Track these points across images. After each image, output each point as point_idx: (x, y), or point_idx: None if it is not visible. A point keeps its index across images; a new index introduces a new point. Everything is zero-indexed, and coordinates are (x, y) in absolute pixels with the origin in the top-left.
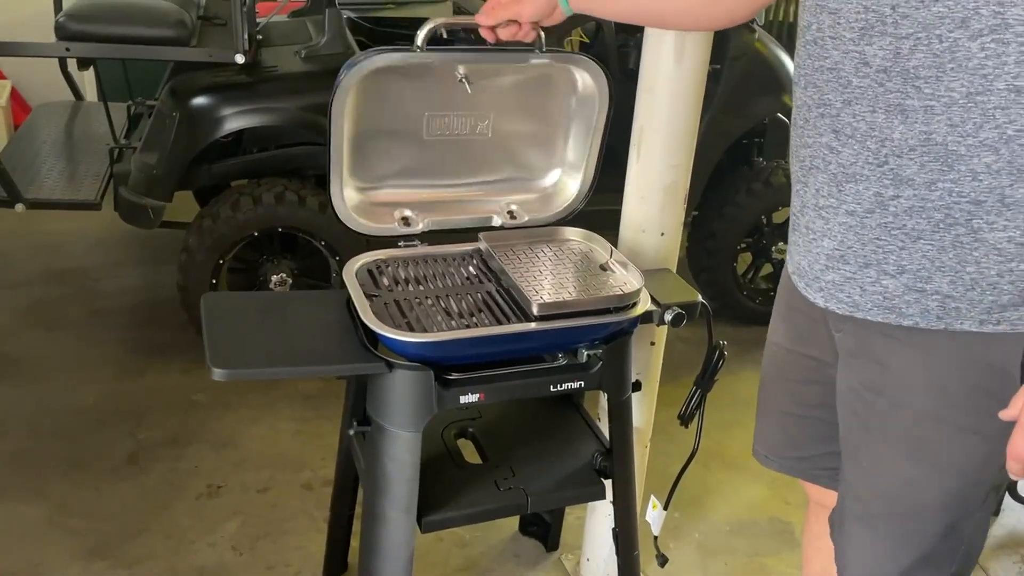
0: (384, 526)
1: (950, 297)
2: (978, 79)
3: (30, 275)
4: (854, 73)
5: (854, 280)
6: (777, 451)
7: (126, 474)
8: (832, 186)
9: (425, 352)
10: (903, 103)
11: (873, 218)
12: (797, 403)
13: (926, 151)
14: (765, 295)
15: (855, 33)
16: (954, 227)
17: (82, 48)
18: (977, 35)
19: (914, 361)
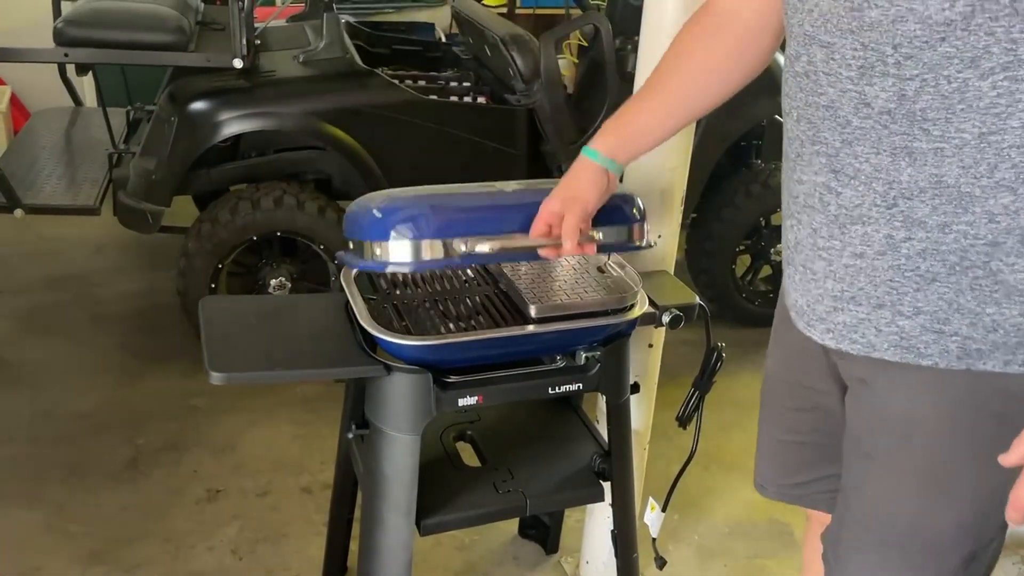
0: (383, 529)
1: (970, 339)
2: (991, 119)
3: (29, 280)
4: (854, 113)
5: (868, 321)
6: (773, 480)
7: (125, 479)
8: (834, 227)
9: (423, 355)
10: (910, 145)
11: (884, 260)
12: (789, 430)
13: (938, 193)
14: (764, 297)
15: (853, 72)
16: (971, 269)
17: (81, 54)
18: (988, 74)
19: (926, 393)
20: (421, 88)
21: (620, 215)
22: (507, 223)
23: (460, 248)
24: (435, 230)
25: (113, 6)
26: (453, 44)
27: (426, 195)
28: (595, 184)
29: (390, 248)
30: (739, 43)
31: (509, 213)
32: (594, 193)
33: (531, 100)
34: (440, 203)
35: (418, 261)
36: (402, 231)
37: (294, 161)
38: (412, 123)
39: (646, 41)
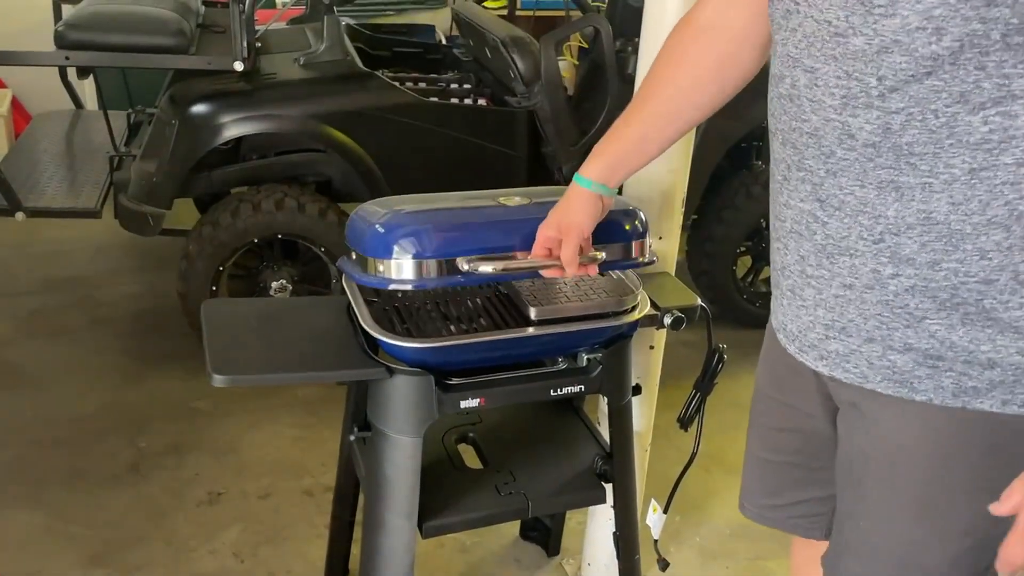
0: (385, 532)
1: (966, 375)
2: (982, 154)
3: (30, 283)
4: (838, 144)
5: (860, 353)
6: (753, 499)
7: (127, 482)
8: (821, 257)
9: (425, 357)
10: (896, 180)
11: (873, 294)
12: (772, 449)
13: (926, 230)
14: (765, 298)
15: (836, 101)
16: (963, 306)
17: (82, 57)
18: (979, 108)
19: (917, 423)
20: (422, 90)
21: (621, 232)
22: (510, 241)
23: (463, 267)
24: (438, 249)
25: (114, 9)
26: (453, 46)
27: (429, 210)
28: (588, 211)
29: (392, 266)
30: (726, 54)
31: (512, 231)
32: (588, 219)
33: (532, 102)
34: (443, 220)
35: (420, 279)
36: (405, 249)
37: (295, 164)
38: (413, 125)
39: (647, 43)
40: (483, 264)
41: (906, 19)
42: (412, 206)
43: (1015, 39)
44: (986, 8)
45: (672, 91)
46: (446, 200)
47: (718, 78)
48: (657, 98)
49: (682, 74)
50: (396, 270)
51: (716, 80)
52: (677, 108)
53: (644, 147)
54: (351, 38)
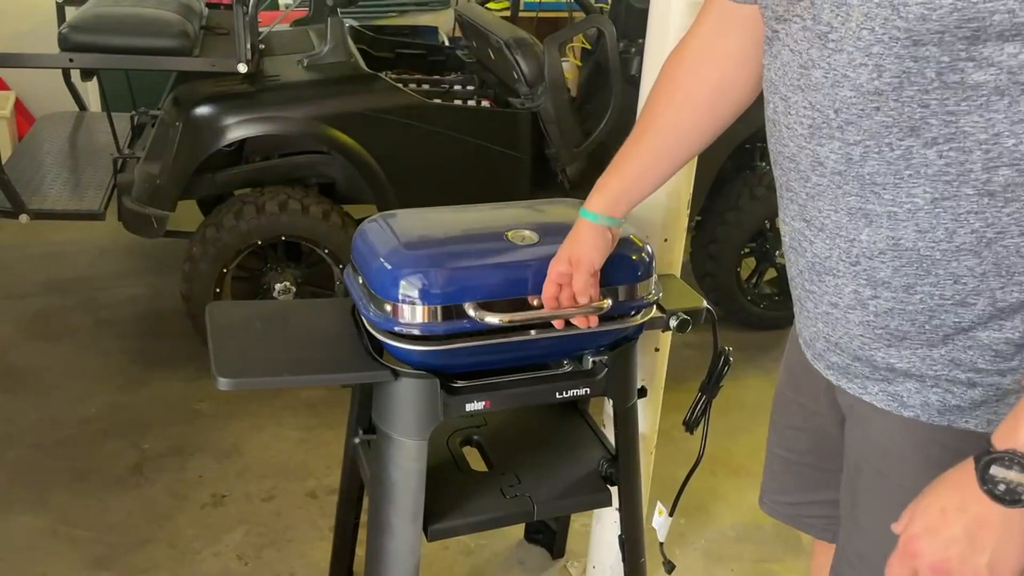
0: (390, 535)
1: (950, 393)
2: (942, 185)
3: (34, 285)
4: (811, 170)
5: (852, 368)
6: (770, 495)
7: (130, 484)
8: (812, 274)
9: (430, 360)
10: (864, 207)
11: (855, 315)
12: (788, 448)
13: (897, 255)
14: (769, 299)
15: (805, 130)
16: (941, 328)
17: (85, 59)
18: (932, 143)
19: (909, 438)
20: (425, 92)
21: (629, 273)
22: (522, 287)
23: (470, 313)
24: (447, 296)
25: (117, 11)
26: (456, 48)
27: (437, 249)
28: (597, 245)
29: (399, 309)
30: (719, 83)
31: (524, 276)
32: (597, 252)
33: (535, 103)
34: (453, 263)
35: (426, 324)
36: (411, 293)
37: (298, 165)
38: (416, 127)
39: (651, 44)
40: (490, 316)
41: (851, 55)
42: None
43: (950, 77)
44: (914, 47)
45: (667, 125)
46: (453, 227)
47: (712, 109)
48: (653, 132)
49: (676, 107)
50: (402, 313)
51: (710, 111)
52: (675, 142)
53: (645, 181)
54: (354, 40)
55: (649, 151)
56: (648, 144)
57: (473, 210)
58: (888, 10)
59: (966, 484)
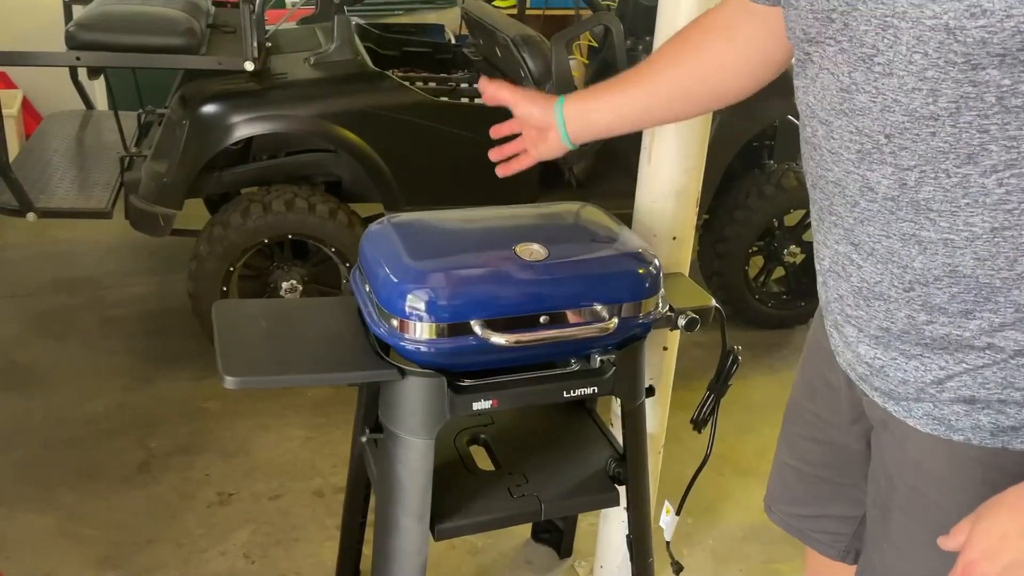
0: (397, 534)
1: (1002, 414)
2: (1002, 215)
3: (40, 284)
4: (860, 196)
5: (899, 391)
6: (778, 504)
7: (137, 483)
8: (859, 299)
9: (437, 359)
10: (919, 234)
11: (910, 337)
12: (801, 459)
13: (954, 282)
14: (777, 298)
15: (853, 155)
16: (1000, 352)
17: (93, 57)
18: (991, 171)
19: (950, 458)
20: (432, 90)
21: (637, 289)
22: (529, 305)
23: (476, 331)
24: (453, 314)
25: (124, 10)
26: (463, 45)
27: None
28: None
29: (407, 325)
30: (726, 60)
31: (532, 295)
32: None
33: None
34: (460, 282)
35: (432, 340)
36: (418, 309)
37: (305, 164)
38: (423, 125)
39: (659, 41)
40: (496, 336)
41: (902, 79)
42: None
43: (1012, 102)
44: (973, 72)
45: (664, 77)
46: (461, 239)
47: (705, 80)
48: (650, 78)
49: (677, 62)
50: (409, 329)
51: (703, 82)
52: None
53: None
54: (361, 38)
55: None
56: (642, 87)
57: (481, 216)
58: (943, 34)
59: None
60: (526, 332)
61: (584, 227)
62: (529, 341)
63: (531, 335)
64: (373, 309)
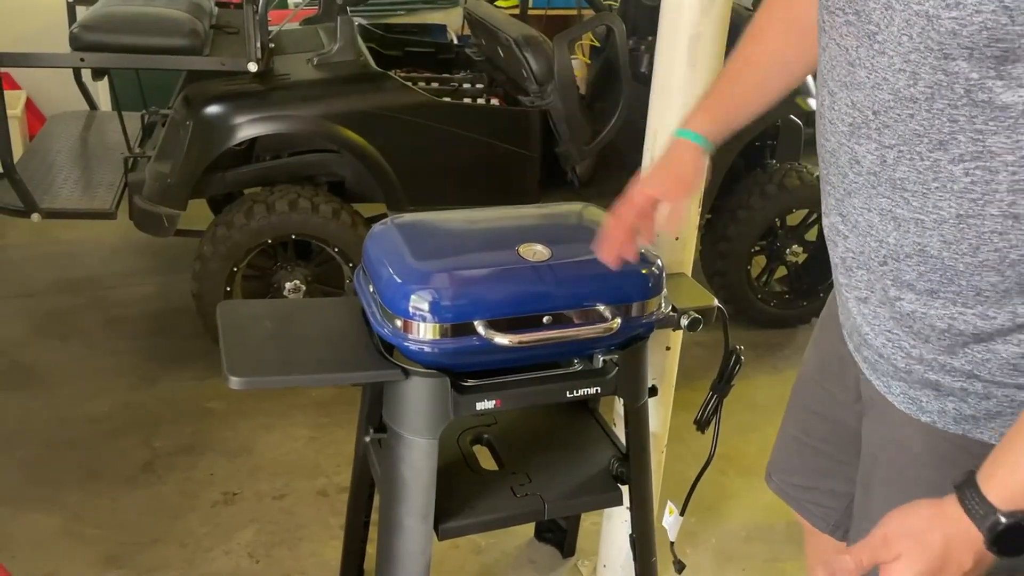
0: (401, 533)
1: (964, 403)
2: (967, 203)
3: (45, 284)
4: (849, 168)
5: (880, 363)
6: (778, 472)
7: (141, 483)
8: (844, 268)
9: (441, 359)
10: (894, 211)
11: (883, 311)
12: (804, 431)
13: (922, 261)
14: (780, 298)
15: (846, 127)
16: (960, 336)
17: (96, 58)
18: (959, 160)
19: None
20: (434, 90)
21: (640, 289)
22: (533, 305)
23: (480, 332)
24: (458, 313)
25: (128, 11)
26: (465, 46)
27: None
28: (699, 169)
29: (410, 326)
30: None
31: (535, 295)
32: (699, 179)
33: (545, 101)
34: (463, 283)
35: (436, 340)
36: (422, 309)
37: (308, 164)
38: (425, 125)
39: (662, 41)
40: (499, 336)
41: (891, 59)
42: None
43: (979, 96)
44: (945, 61)
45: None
46: (464, 240)
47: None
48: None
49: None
50: (413, 330)
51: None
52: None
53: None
54: (364, 38)
55: (755, 76)
56: (753, 70)
57: (484, 217)
58: (924, 20)
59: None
60: (529, 332)
61: (587, 227)
62: (532, 341)
63: (534, 335)
64: (377, 309)
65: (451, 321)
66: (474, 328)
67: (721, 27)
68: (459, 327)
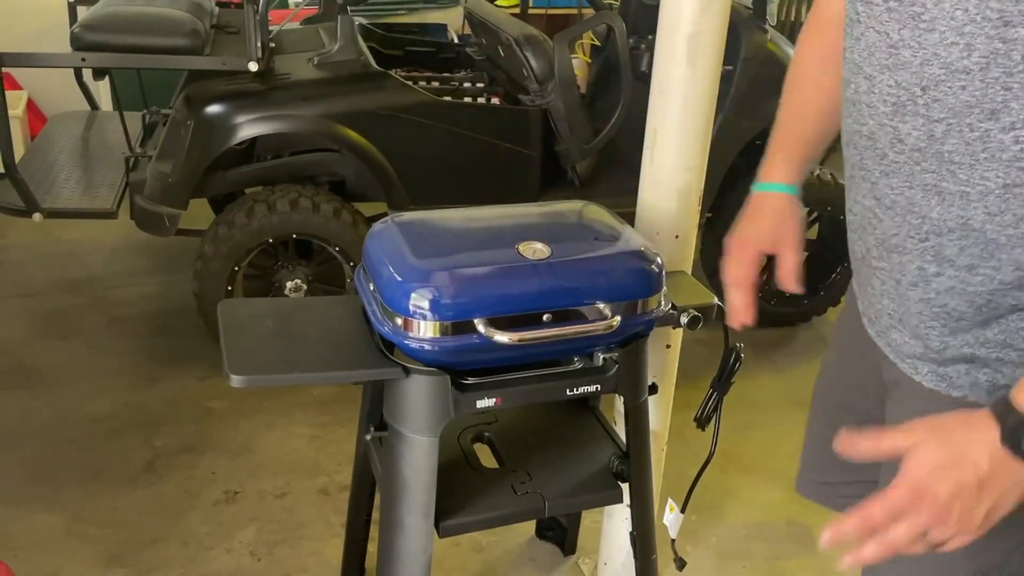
0: (402, 531)
1: (999, 373)
2: (1015, 171)
3: (46, 284)
4: (890, 148)
5: (911, 344)
6: (809, 474)
7: (143, 482)
8: (881, 250)
9: (441, 357)
10: (939, 184)
11: (916, 292)
12: (830, 425)
13: (964, 235)
14: (780, 296)
15: (888, 107)
16: (997, 310)
17: (97, 58)
18: (1009, 128)
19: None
20: (435, 89)
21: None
22: (533, 303)
23: (480, 330)
24: (458, 310)
25: (129, 10)
26: (466, 45)
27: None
28: (799, 219)
29: (411, 324)
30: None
31: (535, 293)
32: (802, 229)
33: (545, 101)
34: (465, 276)
35: (436, 339)
36: (422, 307)
37: (309, 163)
38: (426, 124)
39: (661, 40)
40: (500, 335)
41: (943, 34)
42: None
43: None
44: (1004, 28)
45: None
46: (464, 238)
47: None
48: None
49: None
50: (413, 328)
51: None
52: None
53: (821, 142)
54: (364, 37)
55: (818, 110)
56: (816, 103)
57: (484, 215)
58: None
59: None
60: (529, 330)
61: (587, 225)
62: (532, 339)
63: (534, 333)
64: (377, 308)
65: (451, 319)
66: (474, 326)
67: (720, 25)
68: (459, 325)
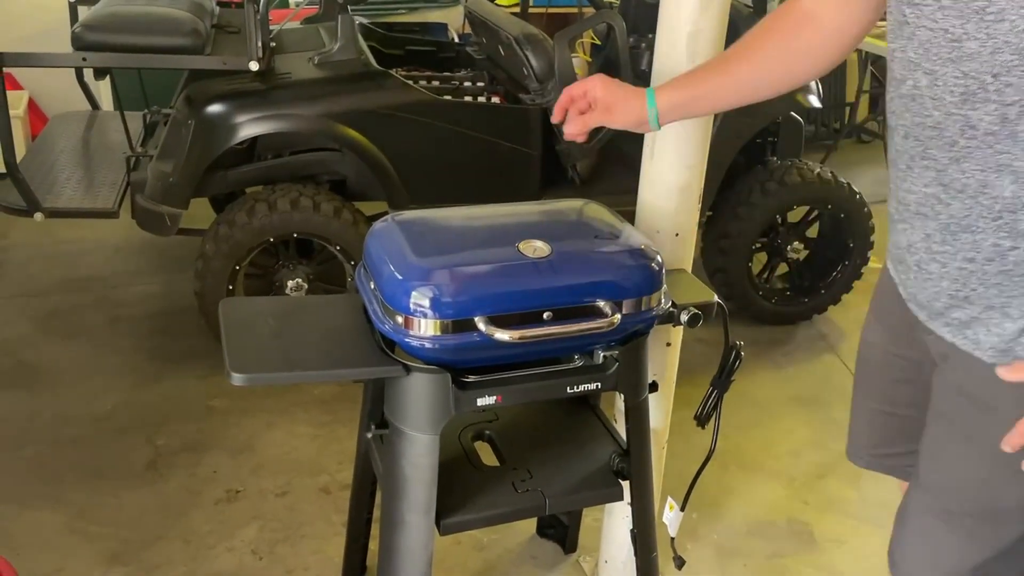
0: (403, 529)
1: None
2: None
3: (48, 283)
4: (960, 135)
5: (979, 320)
6: (866, 448)
7: (145, 480)
8: (945, 234)
9: (442, 355)
10: (1013, 164)
11: (993, 265)
12: (889, 401)
13: None
14: (781, 294)
15: (956, 97)
16: None
17: (98, 58)
18: None
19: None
20: (435, 89)
21: (640, 285)
22: (532, 301)
23: (480, 328)
24: (459, 308)
25: (130, 10)
26: (466, 44)
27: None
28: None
29: (411, 322)
30: (812, 43)
31: (535, 291)
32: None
33: (545, 99)
34: (465, 274)
35: (437, 336)
36: (422, 305)
37: (309, 163)
38: (426, 124)
39: (661, 38)
40: (500, 332)
41: (1014, 23)
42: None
43: None
44: None
45: (756, 66)
46: (464, 236)
47: (803, 65)
48: (741, 68)
49: (770, 53)
50: (414, 326)
51: (800, 66)
52: (756, 81)
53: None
54: (364, 37)
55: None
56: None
57: (484, 214)
58: None
59: None
60: (530, 328)
61: (587, 224)
62: (533, 337)
63: (535, 331)
64: (378, 306)
65: (452, 317)
66: (475, 324)
67: (720, 24)
68: (460, 323)
